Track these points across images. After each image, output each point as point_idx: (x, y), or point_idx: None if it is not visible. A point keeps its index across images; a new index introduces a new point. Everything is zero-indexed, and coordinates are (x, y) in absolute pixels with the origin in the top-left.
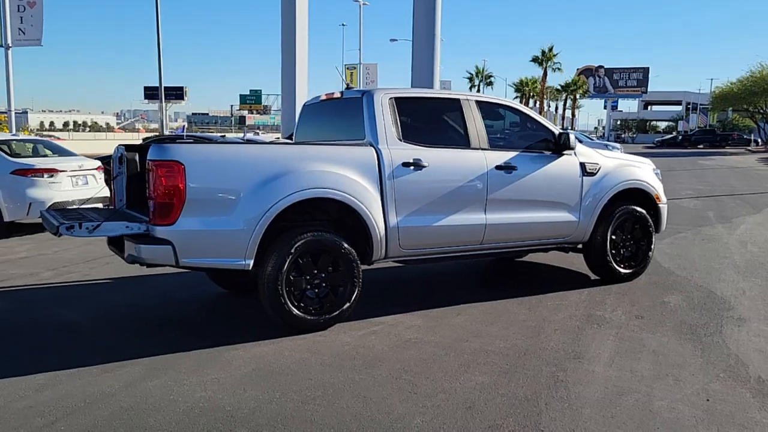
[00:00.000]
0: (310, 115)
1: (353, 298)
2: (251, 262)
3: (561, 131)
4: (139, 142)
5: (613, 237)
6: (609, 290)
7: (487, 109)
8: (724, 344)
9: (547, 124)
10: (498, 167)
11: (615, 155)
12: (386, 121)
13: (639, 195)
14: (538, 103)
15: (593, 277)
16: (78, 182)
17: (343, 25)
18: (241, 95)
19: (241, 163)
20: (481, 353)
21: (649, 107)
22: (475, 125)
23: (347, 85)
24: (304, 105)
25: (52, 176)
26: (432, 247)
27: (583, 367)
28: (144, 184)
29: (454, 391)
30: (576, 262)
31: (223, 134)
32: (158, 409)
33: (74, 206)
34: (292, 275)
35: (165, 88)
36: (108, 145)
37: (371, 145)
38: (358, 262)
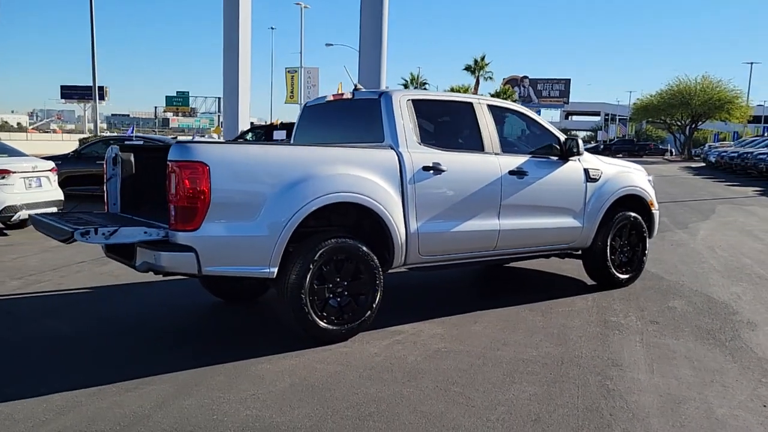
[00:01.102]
0: (313, 117)
1: (375, 306)
2: (275, 270)
3: (568, 137)
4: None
5: (613, 243)
6: (611, 295)
7: (498, 114)
8: (749, 349)
9: (553, 130)
10: (511, 172)
11: (612, 161)
12: (406, 123)
13: (635, 201)
14: None
15: (589, 282)
16: (31, 184)
17: (272, 28)
18: (167, 96)
19: (266, 164)
20: (519, 362)
21: (570, 117)
22: (488, 129)
23: (355, 86)
24: (305, 105)
25: (4, 178)
26: (448, 253)
27: (627, 375)
28: (141, 186)
29: (511, 403)
30: (564, 267)
31: (174, 136)
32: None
33: (22, 210)
34: (315, 283)
35: (83, 87)
36: (25, 146)
37: (392, 148)
38: (380, 269)
